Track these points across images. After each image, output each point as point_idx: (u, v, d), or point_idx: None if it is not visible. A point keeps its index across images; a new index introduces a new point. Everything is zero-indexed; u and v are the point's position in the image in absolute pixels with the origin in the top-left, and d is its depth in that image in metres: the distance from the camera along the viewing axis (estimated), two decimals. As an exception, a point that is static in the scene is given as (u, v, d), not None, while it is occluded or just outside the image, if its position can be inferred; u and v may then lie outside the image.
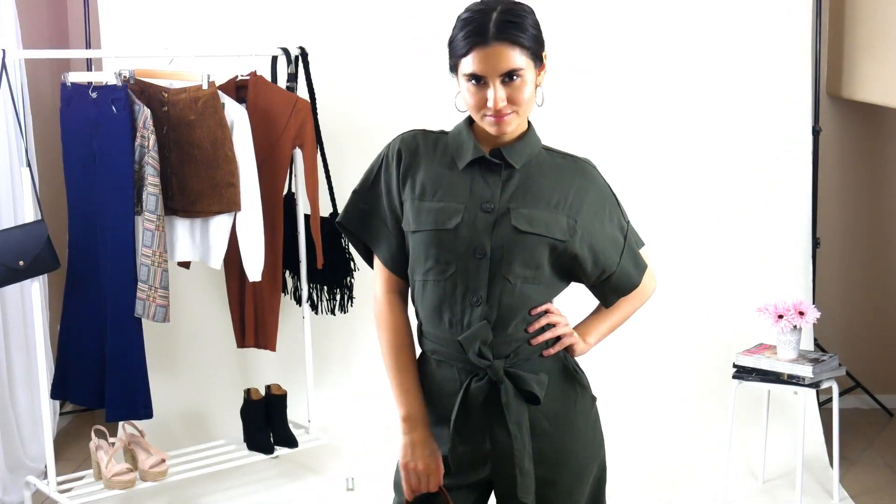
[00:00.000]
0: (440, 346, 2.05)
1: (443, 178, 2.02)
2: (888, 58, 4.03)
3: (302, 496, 4.02)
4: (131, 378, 3.63)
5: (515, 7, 1.95)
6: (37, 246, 3.48)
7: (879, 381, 4.87)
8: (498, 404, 2.01)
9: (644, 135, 4.45)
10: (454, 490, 2.08)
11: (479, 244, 1.97)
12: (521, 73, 1.93)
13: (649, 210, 4.46)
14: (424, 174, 2.03)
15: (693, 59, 4.41)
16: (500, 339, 2.01)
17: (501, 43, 1.90)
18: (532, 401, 2.01)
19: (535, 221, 1.98)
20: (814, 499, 3.92)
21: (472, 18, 1.93)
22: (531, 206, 1.99)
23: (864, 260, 4.90)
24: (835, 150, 4.79)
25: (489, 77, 1.92)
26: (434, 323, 2.04)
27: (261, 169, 3.76)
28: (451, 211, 1.99)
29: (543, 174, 2.03)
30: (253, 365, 4.51)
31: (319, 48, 4.24)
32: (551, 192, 2.01)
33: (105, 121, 3.53)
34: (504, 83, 1.93)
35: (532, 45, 1.94)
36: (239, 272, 3.89)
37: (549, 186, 2.02)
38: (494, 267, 1.98)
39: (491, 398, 2.01)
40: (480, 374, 2.01)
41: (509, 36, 1.91)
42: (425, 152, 2.05)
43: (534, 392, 2.00)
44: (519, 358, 2.03)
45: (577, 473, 2.09)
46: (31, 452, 4.12)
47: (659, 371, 4.47)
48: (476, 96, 1.95)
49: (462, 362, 2.02)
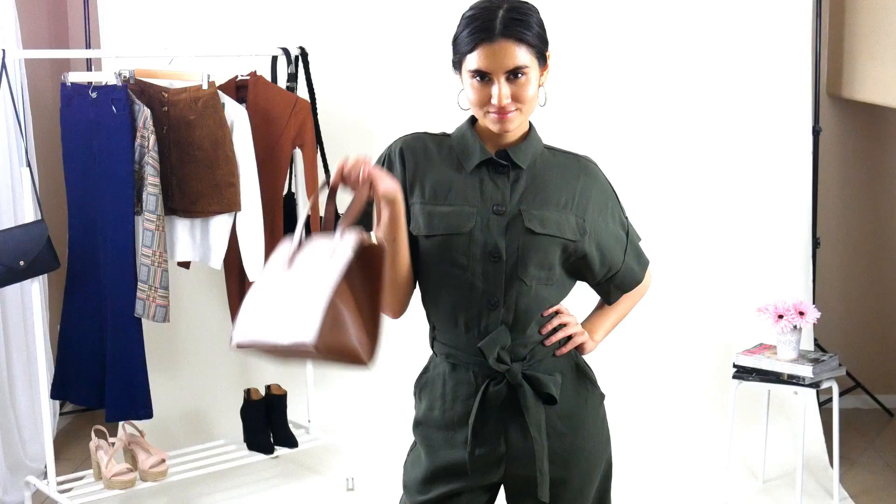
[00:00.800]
0: (455, 349, 2.04)
1: (452, 182, 2.00)
2: (888, 58, 4.03)
3: (302, 496, 4.02)
4: (131, 378, 3.63)
5: (521, 5, 1.95)
6: (37, 246, 3.49)
7: (879, 381, 4.87)
8: (513, 406, 2.01)
9: (644, 135, 4.45)
10: (467, 493, 2.07)
11: (494, 247, 1.96)
12: (526, 70, 1.92)
13: (649, 210, 4.46)
14: (433, 177, 2.01)
15: (693, 59, 4.41)
16: (518, 341, 2.01)
17: (507, 40, 1.90)
18: (549, 402, 2.02)
19: (547, 222, 1.98)
20: (814, 499, 3.92)
21: (478, 16, 1.93)
22: (541, 207, 1.99)
23: (864, 260, 4.90)
24: (835, 150, 4.79)
25: (494, 74, 1.91)
26: (449, 327, 2.03)
27: (261, 169, 3.76)
28: (464, 215, 1.97)
29: (549, 174, 2.02)
30: (253, 365, 4.51)
31: (319, 48, 4.24)
32: (559, 192, 2.01)
33: (105, 121, 3.53)
34: (509, 80, 1.92)
35: (537, 43, 1.94)
36: (239, 272, 3.89)
37: (555, 186, 2.01)
38: (510, 269, 1.97)
39: (507, 401, 2.02)
40: (498, 378, 2.01)
41: (515, 33, 1.91)
42: (431, 155, 2.03)
43: (552, 394, 2.01)
44: (535, 360, 2.04)
45: (587, 471, 2.11)
46: (31, 452, 4.12)
47: (659, 371, 4.47)
48: (480, 93, 1.94)
49: (478, 366, 2.02)
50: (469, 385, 2.03)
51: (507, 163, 2.00)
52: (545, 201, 2.00)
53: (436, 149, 2.03)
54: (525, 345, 2.02)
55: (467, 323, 2.00)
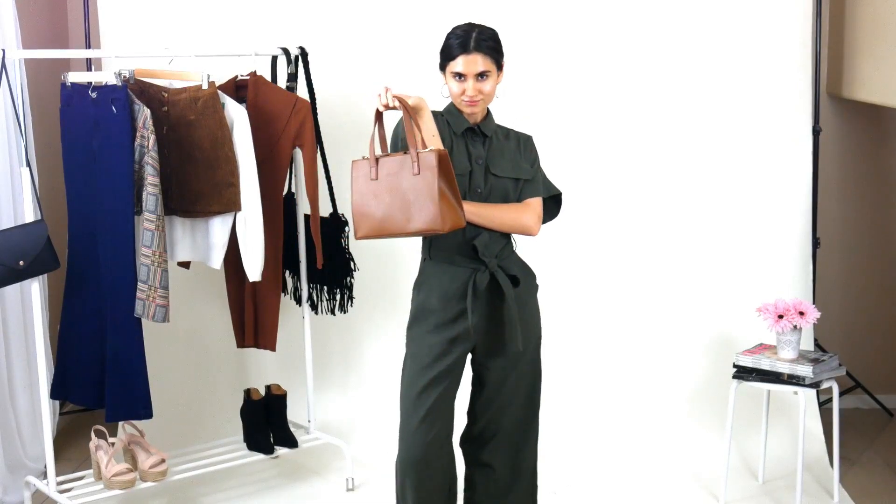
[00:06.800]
0: (449, 252, 2.98)
1: (453, 142, 2.98)
2: (888, 58, 4.03)
3: (302, 496, 4.02)
4: (131, 378, 3.62)
5: (487, 30, 2.95)
6: (37, 246, 3.49)
7: (879, 381, 4.87)
8: (493, 290, 2.98)
9: (644, 135, 4.45)
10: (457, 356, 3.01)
11: (478, 184, 2.98)
12: (488, 74, 2.93)
13: (650, 209, 4.47)
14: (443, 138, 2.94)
15: (693, 59, 4.41)
16: (493, 243, 3.00)
17: (478, 53, 2.91)
18: (515, 283, 3.00)
19: (506, 169, 3.00)
20: (814, 499, 3.92)
21: (460, 35, 2.93)
22: (500, 160, 3.00)
23: (864, 260, 4.90)
24: (835, 150, 4.79)
25: (468, 75, 2.92)
26: (449, 236, 2.89)
27: (261, 169, 3.76)
28: (461, 164, 2.96)
29: (503, 141, 3.04)
30: (253, 365, 4.52)
31: (319, 48, 4.24)
32: (510, 150, 3.03)
33: (105, 121, 3.53)
34: (477, 80, 2.92)
35: (495, 56, 2.94)
36: (239, 272, 3.89)
37: (508, 148, 3.03)
38: (486, 199, 2.98)
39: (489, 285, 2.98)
40: (482, 269, 2.97)
41: (482, 48, 2.91)
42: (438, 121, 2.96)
43: (516, 276, 3.02)
44: (502, 257, 3.02)
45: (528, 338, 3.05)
46: (31, 452, 4.12)
47: (659, 371, 4.47)
48: (459, 88, 2.94)
49: (469, 260, 2.98)
50: (462, 276, 2.98)
51: (479, 132, 3.00)
52: (502, 156, 3.01)
53: (438, 117, 2.98)
54: (497, 244, 3.00)
55: (464, 232, 2.94)
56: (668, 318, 4.47)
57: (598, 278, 4.49)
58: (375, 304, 4.45)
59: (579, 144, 4.43)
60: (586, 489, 4.05)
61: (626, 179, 4.45)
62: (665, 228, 4.46)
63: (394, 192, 2.78)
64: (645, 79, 4.43)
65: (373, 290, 4.40)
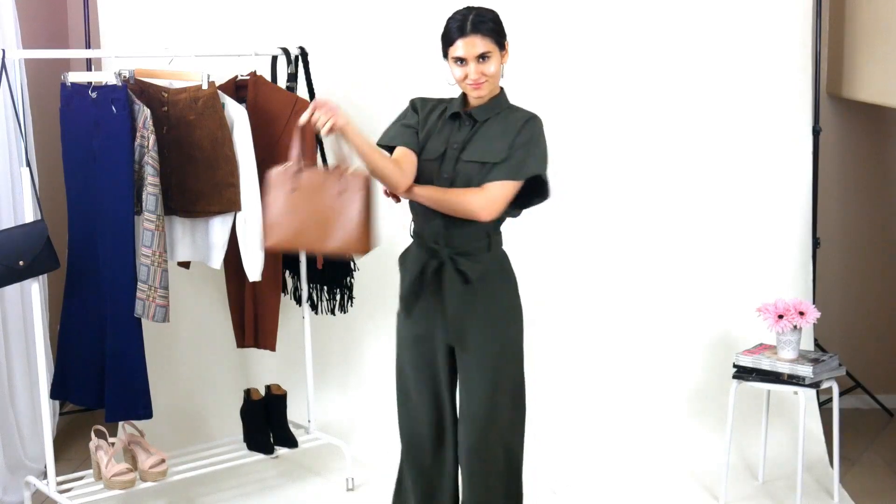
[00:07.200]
0: (424, 236, 2.96)
1: (434, 128, 2.98)
2: (888, 58, 4.03)
3: (302, 496, 4.02)
4: (131, 378, 3.62)
5: (484, 10, 2.92)
6: (37, 246, 3.49)
7: (879, 381, 4.87)
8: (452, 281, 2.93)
9: (644, 135, 4.45)
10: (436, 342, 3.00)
11: (446, 170, 2.93)
12: (489, 55, 2.87)
13: (650, 209, 4.46)
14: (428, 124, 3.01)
15: (693, 59, 4.41)
16: (452, 233, 2.93)
17: (475, 35, 2.86)
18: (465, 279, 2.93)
19: (474, 153, 2.91)
20: (814, 499, 3.92)
21: (458, 19, 2.90)
22: (478, 144, 2.92)
23: (864, 260, 4.90)
24: (835, 150, 4.79)
25: (468, 58, 2.87)
26: (421, 219, 2.98)
27: (261, 169, 3.76)
28: (434, 149, 2.95)
29: (498, 124, 2.93)
30: (253, 365, 4.51)
31: (319, 48, 4.24)
32: (495, 133, 2.92)
33: (105, 121, 3.53)
34: (478, 62, 2.87)
35: (495, 36, 2.88)
36: (239, 272, 3.89)
37: (495, 131, 2.92)
38: (451, 184, 2.92)
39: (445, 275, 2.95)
40: (436, 258, 2.94)
41: (478, 29, 2.86)
42: (427, 107, 3.04)
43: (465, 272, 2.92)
44: (466, 249, 2.93)
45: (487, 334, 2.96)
46: (31, 452, 4.12)
47: (659, 371, 4.47)
48: (461, 72, 2.90)
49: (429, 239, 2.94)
50: (421, 260, 2.95)
51: (467, 118, 2.96)
52: (481, 140, 2.91)
53: (435, 104, 3.03)
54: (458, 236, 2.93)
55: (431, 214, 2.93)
56: (667, 317, 4.47)
57: (598, 278, 4.49)
58: (375, 304, 4.45)
59: (579, 144, 4.42)
60: (586, 489, 4.05)
61: (626, 179, 4.45)
62: (665, 228, 4.46)
63: (313, 207, 2.75)
64: (645, 79, 4.42)
65: (373, 290, 4.40)
